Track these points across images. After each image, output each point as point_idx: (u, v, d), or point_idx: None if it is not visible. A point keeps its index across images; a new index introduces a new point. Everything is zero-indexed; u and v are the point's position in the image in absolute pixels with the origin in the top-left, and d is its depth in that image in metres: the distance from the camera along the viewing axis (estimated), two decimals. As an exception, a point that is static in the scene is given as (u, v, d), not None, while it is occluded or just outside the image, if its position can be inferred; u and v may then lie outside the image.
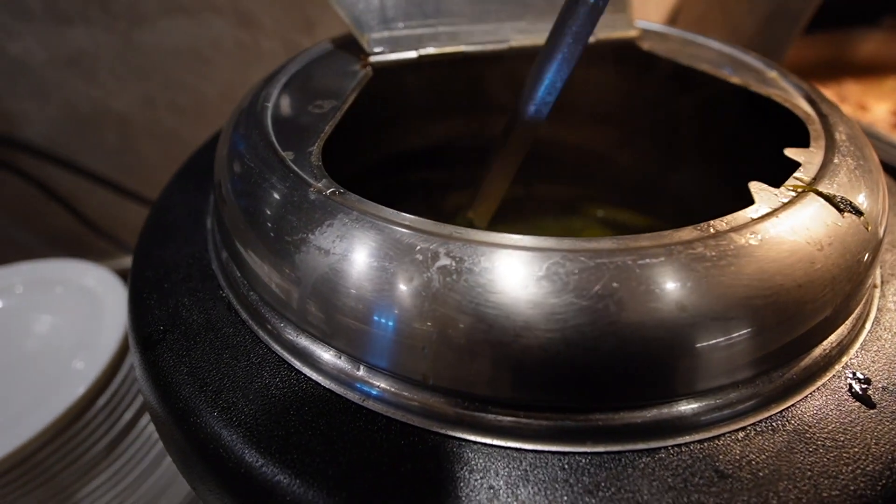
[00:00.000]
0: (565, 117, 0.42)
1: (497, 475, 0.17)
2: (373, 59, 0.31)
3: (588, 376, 0.16)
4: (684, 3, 0.69)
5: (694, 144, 0.37)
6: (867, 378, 0.20)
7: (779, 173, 0.21)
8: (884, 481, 0.17)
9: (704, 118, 0.34)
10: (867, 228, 0.19)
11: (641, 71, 0.36)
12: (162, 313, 0.23)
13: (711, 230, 0.18)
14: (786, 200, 0.19)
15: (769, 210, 0.19)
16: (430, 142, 0.42)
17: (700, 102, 0.33)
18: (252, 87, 0.31)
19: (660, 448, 0.17)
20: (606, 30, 0.35)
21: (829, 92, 0.67)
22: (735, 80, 0.30)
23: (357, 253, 0.18)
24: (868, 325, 0.22)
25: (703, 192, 0.38)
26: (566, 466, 0.17)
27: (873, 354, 0.21)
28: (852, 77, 0.70)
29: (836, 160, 0.22)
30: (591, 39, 0.34)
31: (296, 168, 0.22)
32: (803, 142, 0.24)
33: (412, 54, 0.32)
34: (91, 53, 0.67)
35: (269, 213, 0.21)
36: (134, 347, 0.24)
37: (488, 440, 0.18)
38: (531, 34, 0.34)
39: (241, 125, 0.27)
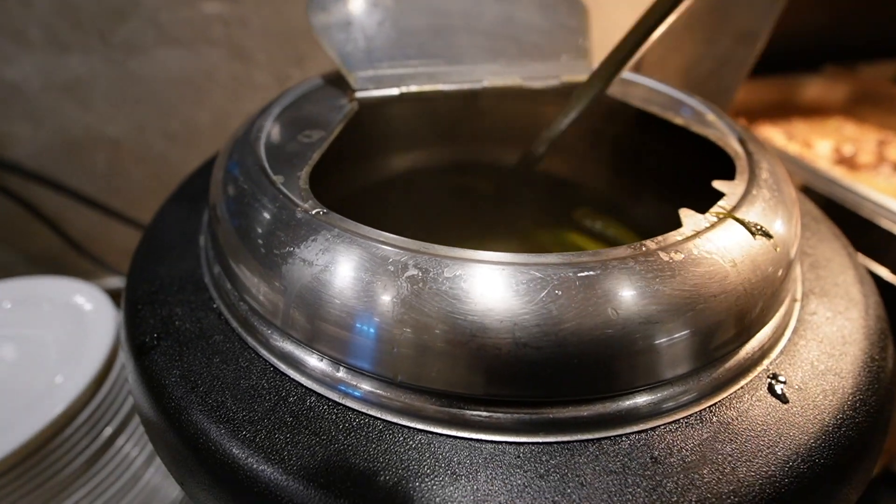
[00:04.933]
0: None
1: (460, 463, 0.19)
2: (358, 94, 0.34)
3: (536, 373, 0.19)
4: (647, 48, 0.76)
5: (649, 173, 0.41)
6: (784, 379, 0.23)
7: (714, 199, 0.25)
8: (791, 464, 0.19)
9: (655, 152, 0.38)
10: (776, 249, 0.23)
11: (600, 110, 0.40)
12: (156, 322, 0.25)
13: (644, 248, 0.21)
14: (707, 224, 0.22)
15: (693, 232, 0.22)
16: (412, 167, 0.45)
17: (650, 139, 0.37)
18: (247, 117, 0.34)
19: (602, 438, 0.20)
20: (569, 74, 0.39)
21: (779, 130, 0.73)
22: (679, 120, 0.34)
23: (337, 264, 0.20)
24: (788, 334, 0.25)
25: (658, 211, 0.42)
26: (521, 454, 0.19)
27: (790, 358, 0.24)
28: (800, 117, 0.77)
29: (754, 192, 0.25)
30: (556, 82, 0.39)
31: (285, 190, 0.25)
32: (733, 175, 0.28)
33: (394, 91, 0.35)
34: (87, 81, 0.69)
35: (259, 230, 0.24)
36: (128, 354, 0.25)
37: (453, 432, 0.20)
38: (503, 76, 0.38)
39: (236, 152, 0.29)
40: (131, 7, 0.66)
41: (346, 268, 0.20)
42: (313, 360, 0.22)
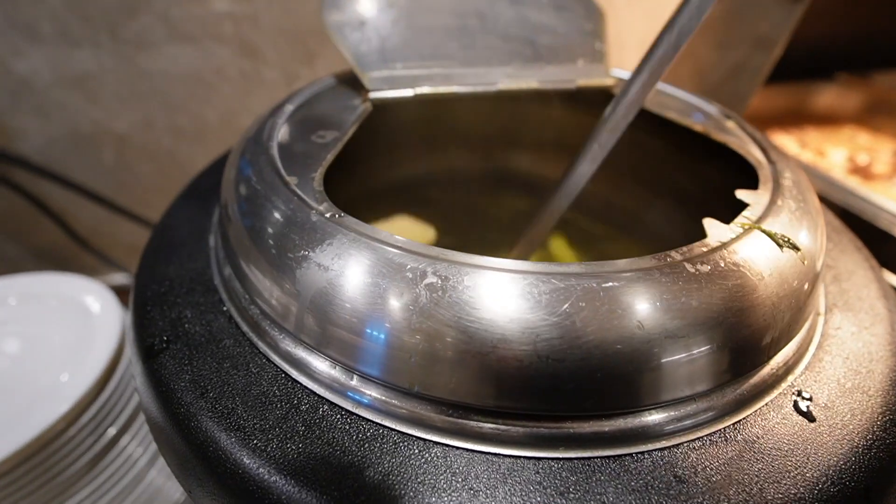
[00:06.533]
0: (554, 155, 0.45)
1: (477, 478, 0.19)
2: (372, 95, 0.34)
3: (558, 386, 0.18)
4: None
5: (665, 181, 0.40)
6: (809, 396, 0.22)
7: (735, 209, 0.24)
8: (820, 486, 0.19)
9: (672, 159, 0.38)
10: (803, 262, 0.22)
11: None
12: (165, 325, 0.25)
13: (668, 259, 0.20)
14: (734, 236, 0.22)
15: (719, 244, 0.21)
16: (425, 170, 0.44)
17: (668, 145, 0.37)
18: (259, 115, 0.33)
19: (624, 455, 0.19)
20: (585, 78, 0.38)
21: (791, 138, 0.73)
22: (698, 127, 0.34)
23: (353, 270, 0.20)
24: (812, 349, 0.24)
25: (675, 220, 0.41)
26: (540, 470, 0.19)
27: (816, 374, 0.23)
28: (813, 125, 0.76)
29: (779, 202, 0.25)
30: (572, 86, 0.38)
31: (299, 192, 0.24)
32: (754, 184, 0.27)
33: (408, 92, 0.35)
34: (96, 76, 0.69)
35: (272, 232, 0.23)
36: (136, 357, 0.25)
37: (470, 445, 0.19)
38: (517, 79, 0.38)
39: (248, 151, 0.29)
40: (142, 3, 0.66)
41: (362, 274, 0.20)
42: (326, 367, 0.21)
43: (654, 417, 0.20)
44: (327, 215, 0.22)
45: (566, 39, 0.40)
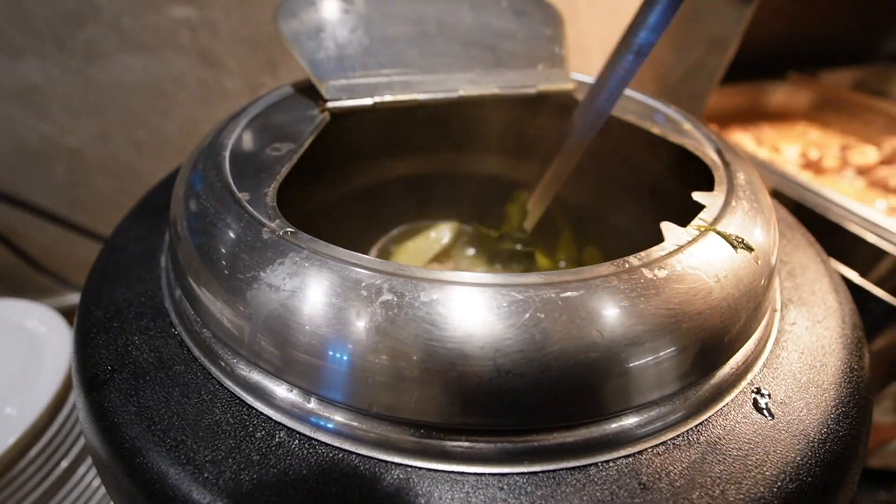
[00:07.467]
0: (516, 158, 0.46)
1: (441, 499, 0.18)
2: (330, 104, 0.33)
3: (520, 401, 0.18)
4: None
5: (624, 182, 0.40)
6: (768, 393, 0.22)
7: (693, 209, 0.25)
8: (779, 484, 0.19)
9: (631, 161, 0.38)
10: (757, 262, 0.23)
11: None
12: (110, 353, 0.23)
13: (626, 265, 0.20)
14: (690, 238, 0.22)
15: (675, 247, 0.21)
16: (386, 178, 0.44)
17: (627, 148, 0.37)
18: (212, 127, 0.32)
19: (589, 465, 0.19)
20: (546, 83, 0.39)
21: (749, 135, 0.75)
22: (656, 130, 0.34)
23: (306, 289, 0.19)
24: (769, 346, 0.25)
25: (634, 221, 0.42)
26: (505, 486, 0.18)
27: (773, 371, 0.24)
28: (768, 122, 0.79)
29: (733, 203, 0.25)
30: (532, 91, 0.38)
31: (251, 209, 0.23)
32: (710, 184, 0.28)
33: (368, 101, 0.34)
34: (43, 88, 0.66)
35: (223, 251, 0.22)
36: (78, 389, 0.23)
37: (433, 465, 0.19)
38: (479, 85, 0.38)
39: (200, 165, 0.28)
40: (91, 12, 0.63)
41: (315, 293, 0.19)
42: (282, 391, 0.20)
43: (617, 425, 0.20)
44: (279, 233, 0.21)
45: (526, 44, 0.40)
